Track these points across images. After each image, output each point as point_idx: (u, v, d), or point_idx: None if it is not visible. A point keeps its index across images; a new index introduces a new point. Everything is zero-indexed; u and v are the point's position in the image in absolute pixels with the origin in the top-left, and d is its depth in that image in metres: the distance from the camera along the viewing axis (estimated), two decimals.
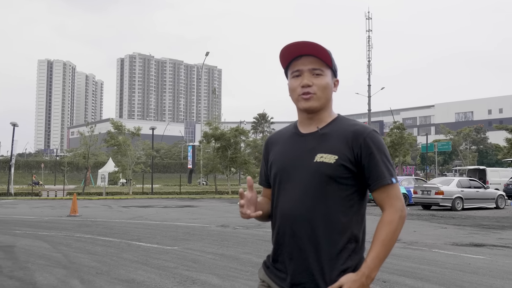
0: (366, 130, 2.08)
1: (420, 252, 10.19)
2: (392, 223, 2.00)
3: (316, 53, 2.11)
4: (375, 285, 6.94)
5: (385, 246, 1.97)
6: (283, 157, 2.16)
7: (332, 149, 2.05)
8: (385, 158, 2.07)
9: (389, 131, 44.45)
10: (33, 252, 9.69)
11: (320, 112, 2.15)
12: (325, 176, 2.02)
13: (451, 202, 22.06)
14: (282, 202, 2.10)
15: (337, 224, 2.00)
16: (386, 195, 2.04)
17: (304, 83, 2.10)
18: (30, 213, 19.96)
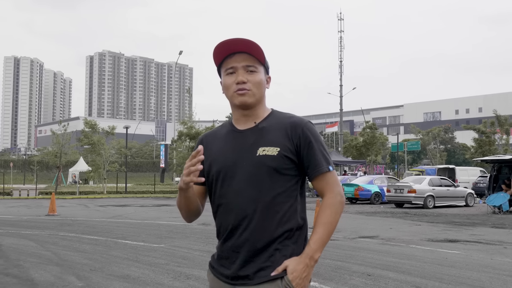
0: (303, 121, 2.15)
1: (398, 248, 10.63)
2: (333, 206, 2.07)
3: (250, 50, 2.13)
4: (361, 278, 7.30)
5: (327, 229, 2.06)
6: (224, 154, 2.17)
7: (273, 142, 2.10)
8: (321, 147, 2.15)
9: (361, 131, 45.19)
10: (22, 250, 9.79)
11: (255, 108, 2.18)
12: (270, 168, 2.07)
13: (423, 200, 22.73)
14: (228, 197, 2.12)
15: (283, 214, 2.07)
16: (325, 182, 2.12)
17: (239, 79, 2.12)
18: (7, 213, 19.84)
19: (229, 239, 2.11)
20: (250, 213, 2.06)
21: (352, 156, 42.86)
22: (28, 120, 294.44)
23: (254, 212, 2.06)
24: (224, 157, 2.15)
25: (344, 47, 65.44)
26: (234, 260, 2.09)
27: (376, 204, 25.91)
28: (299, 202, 2.14)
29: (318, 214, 2.09)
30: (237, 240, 2.08)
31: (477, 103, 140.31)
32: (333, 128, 75.53)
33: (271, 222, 2.06)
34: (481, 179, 32.11)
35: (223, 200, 2.13)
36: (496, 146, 43.70)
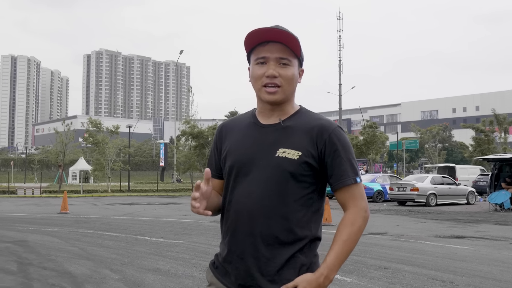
0: (332, 126, 1.98)
1: (409, 243, 11.08)
2: (355, 224, 1.92)
3: (285, 41, 1.96)
4: (378, 271, 7.74)
5: (346, 247, 1.89)
6: (240, 148, 2.02)
7: (296, 144, 1.95)
8: (350, 156, 1.98)
9: (362, 130, 45.68)
10: (49, 246, 10.20)
11: (283, 105, 2.02)
12: (287, 173, 1.92)
13: (425, 198, 23.19)
14: (238, 197, 1.98)
15: (296, 224, 1.93)
16: (349, 195, 1.96)
17: (270, 73, 1.95)
18: (19, 211, 20.22)
19: (234, 242, 1.98)
20: (257, 217, 1.93)
21: None
22: (26, 119, 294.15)
23: (263, 217, 1.92)
24: (240, 151, 2.01)
25: (343, 46, 65.84)
26: (237, 266, 1.96)
27: (379, 202, 26.37)
28: (314, 213, 1.99)
29: (338, 229, 1.94)
30: (242, 244, 1.95)
31: (474, 102, 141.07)
32: None
33: (280, 231, 1.91)
34: (481, 177, 32.62)
35: (232, 197, 2.00)
36: (495, 145, 44.22)
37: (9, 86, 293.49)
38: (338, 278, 7.18)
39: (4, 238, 11.34)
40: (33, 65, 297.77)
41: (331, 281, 1.88)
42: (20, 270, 7.70)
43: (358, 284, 6.82)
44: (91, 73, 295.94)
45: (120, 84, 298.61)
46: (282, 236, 1.91)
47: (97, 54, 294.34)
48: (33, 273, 7.43)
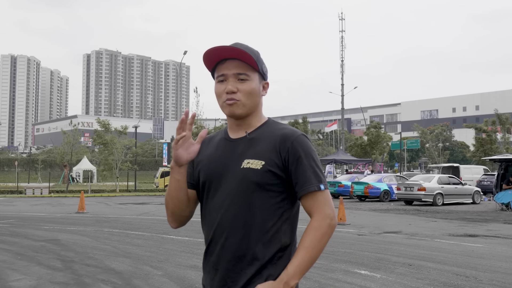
0: (295, 134, 2.00)
1: (425, 242, 11.52)
2: (319, 230, 1.90)
3: (241, 57, 2.00)
4: (403, 267, 8.17)
5: (309, 253, 1.88)
6: (210, 163, 2.06)
7: (259, 154, 1.98)
8: (313, 163, 1.98)
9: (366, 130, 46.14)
10: (82, 245, 10.63)
11: (248, 118, 2.06)
12: (252, 183, 1.94)
13: (432, 197, 23.64)
14: (210, 211, 2.02)
15: (265, 234, 1.94)
16: (313, 202, 1.95)
17: (228, 89, 2.00)
18: (37, 210, 20.65)
19: (209, 253, 2.03)
20: (228, 230, 1.96)
21: (357, 155, 43.80)
22: (25, 118, 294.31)
23: (233, 229, 1.95)
24: (211, 166, 2.05)
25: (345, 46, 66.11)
26: (213, 277, 2.00)
27: (386, 202, 26.82)
28: (285, 222, 1.99)
29: (302, 237, 1.93)
30: (216, 256, 1.99)
31: (474, 101, 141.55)
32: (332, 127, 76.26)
33: (249, 241, 1.93)
34: (485, 177, 33.10)
35: (206, 211, 2.05)
36: (497, 145, 44.68)
37: (9, 85, 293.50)
38: (367, 274, 7.63)
39: (36, 237, 11.77)
40: (33, 64, 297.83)
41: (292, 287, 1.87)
42: (66, 267, 8.13)
43: (388, 280, 7.25)
44: (91, 72, 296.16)
45: (120, 84, 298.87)
46: (251, 247, 1.93)
47: (97, 54, 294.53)
48: (79, 270, 7.86)
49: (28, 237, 11.78)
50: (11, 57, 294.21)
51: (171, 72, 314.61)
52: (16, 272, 7.70)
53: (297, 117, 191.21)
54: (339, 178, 33.57)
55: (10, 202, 27.04)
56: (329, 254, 9.41)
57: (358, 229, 13.82)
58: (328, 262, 8.56)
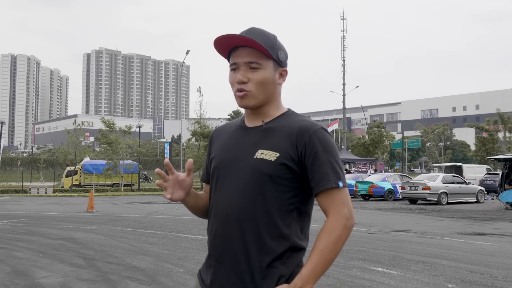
0: (314, 127, 1.88)
1: (435, 240, 11.71)
2: (335, 232, 1.79)
3: (252, 44, 1.90)
4: (418, 265, 8.37)
5: (324, 258, 1.77)
6: (224, 151, 2.00)
7: (274, 146, 1.88)
8: (332, 159, 1.86)
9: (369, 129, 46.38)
10: (100, 243, 10.81)
11: (264, 107, 1.98)
12: (264, 175, 1.85)
13: (437, 196, 23.83)
14: (218, 200, 1.93)
15: (273, 229, 1.84)
16: (330, 200, 1.83)
17: (238, 79, 1.92)
18: (46, 210, 20.84)
19: (214, 246, 1.92)
20: (234, 222, 1.86)
21: (359, 154, 44.02)
22: (25, 118, 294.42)
23: (239, 221, 1.85)
24: (223, 154, 1.99)
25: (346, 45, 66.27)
26: (216, 270, 1.90)
27: (390, 201, 27.01)
28: (297, 219, 1.89)
29: (317, 237, 1.82)
30: (220, 248, 1.89)
31: (474, 101, 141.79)
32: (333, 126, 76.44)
33: (257, 237, 1.83)
34: (488, 176, 33.32)
35: (214, 200, 1.96)
36: (499, 144, 44.89)
37: (9, 85, 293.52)
38: (384, 271, 7.82)
39: (52, 236, 11.96)
40: (32, 64, 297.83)
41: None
42: (89, 264, 8.32)
43: (405, 277, 7.44)
44: (91, 72, 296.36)
45: (120, 83, 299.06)
46: (259, 243, 1.83)
47: (97, 53, 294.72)
48: (103, 267, 8.05)
49: (45, 236, 11.97)
50: (11, 56, 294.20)
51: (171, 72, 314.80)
52: (41, 269, 7.88)
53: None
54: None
55: (17, 201, 27.24)
56: (344, 252, 9.60)
57: (367, 228, 14.01)
58: (344, 260, 8.75)
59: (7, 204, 24.72)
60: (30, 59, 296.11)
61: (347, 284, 6.91)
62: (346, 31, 67.20)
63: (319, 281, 6.95)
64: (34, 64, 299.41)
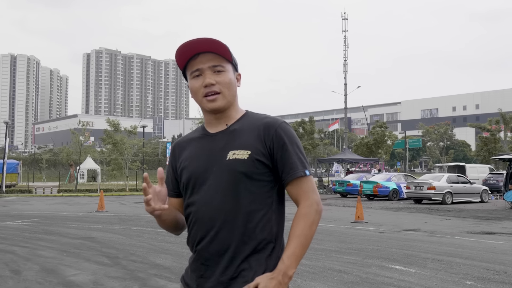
0: (277, 122, 2.00)
1: (446, 239, 11.95)
2: (308, 216, 1.91)
3: (214, 49, 1.99)
4: (434, 263, 8.60)
5: (301, 242, 1.88)
6: (194, 161, 2.04)
7: (244, 145, 1.96)
8: (297, 149, 2.00)
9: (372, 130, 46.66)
10: (118, 242, 11.03)
11: (227, 111, 2.05)
12: (240, 174, 1.93)
13: (442, 196, 24.07)
14: (198, 207, 1.97)
15: (255, 224, 1.92)
16: (299, 188, 1.96)
17: (207, 82, 1.98)
18: (56, 209, 21.04)
19: (198, 251, 1.98)
20: (218, 223, 1.92)
21: (362, 154, 44.27)
22: (25, 118, 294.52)
23: (223, 222, 1.92)
24: (194, 163, 2.03)
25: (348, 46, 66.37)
26: (201, 273, 1.96)
27: (395, 201, 27.24)
28: (275, 211, 1.99)
29: (292, 224, 1.93)
30: (205, 252, 1.95)
31: (474, 100, 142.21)
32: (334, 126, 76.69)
33: (241, 233, 1.91)
34: (491, 176, 33.58)
35: (192, 208, 2.00)
36: (501, 144, 45.12)
37: (9, 85, 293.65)
38: (402, 269, 8.04)
39: (70, 235, 12.18)
40: (32, 64, 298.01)
41: (290, 277, 1.87)
42: (114, 263, 8.54)
43: (423, 274, 7.67)
44: (91, 72, 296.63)
45: (120, 83, 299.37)
46: (243, 239, 1.91)
47: (97, 53, 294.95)
48: (128, 265, 8.28)
49: (63, 235, 12.18)
50: (11, 56, 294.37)
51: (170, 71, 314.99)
52: (69, 267, 8.10)
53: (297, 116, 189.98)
54: (347, 177, 33.99)
55: (26, 201, 27.44)
56: (359, 251, 9.84)
57: (377, 227, 14.24)
58: (361, 258, 8.98)
59: (16, 204, 24.92)
60: (30, 59, 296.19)
61: (369, 281, 7.13)
62: (347, 31, 67.41)
63: (341, 278, 7.22)
64: (34, 64, 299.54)
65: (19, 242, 11.04)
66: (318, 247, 10.30)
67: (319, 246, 10.42)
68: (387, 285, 6.89)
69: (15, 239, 11.54)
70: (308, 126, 41.31)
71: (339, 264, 8.44)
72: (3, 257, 9.03)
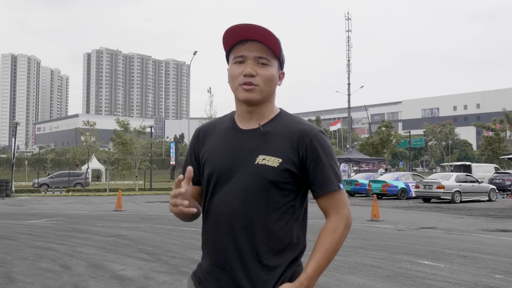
0: (313, 131, 1.91)
1: (465, 236, 12.34)
2: (337, 231, 1.87)
3: (265, 40, 1.89)
4: (460, 258, 8.98)
5: (327, 256, 1.84)
6: (219, 155, 1.94)
7: (276, 151, 1.88)
8: (332, 162, 1.92)
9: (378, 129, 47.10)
10: (150, 239, 11.40)
11: (261, 106, 1.95)
12: (267, 181, 1.85)
13: (451, 195, 24.47)
14: (217, 206, 1.90)
15: (277, 233, 1.86)
16: (332, 202, 1.90)
17: (247, 71, 1.88)
18: (74, 209, 21.42)
19: (214, 253, 1.90)
20: (238, 228, 1.85)
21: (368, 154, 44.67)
22: (26, 118, 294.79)
23: (243, 228, 1.85)
24: (219, 158, 1.94)
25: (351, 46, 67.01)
26: (218, 277, 1.90)
27: (403, 200, 27.64)
28: (297, 220, 1.92)
29: (320, 237, 1.88)
30: (221, 256, 1.88)
31: (475, 99, 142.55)
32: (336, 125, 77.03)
33: (262, 241, 1.85)
34: (497, 175, 33.98)
35: (211, 207, 1.92)
36: (505, 143, 45.50)
37: (9, 85, 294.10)
38: (431, 264, 8.43)
39: (100, 233, 12.55)
40: (33, 64, 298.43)
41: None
42: (155, 259, 8.91)
43: (452, 269, 8.05)
44: (92, 71, 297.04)
45: (120, 83, 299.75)
46: (262, 247, 1.85)
47: (98, 53, 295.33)
48: (170, 261, 8.64)
49: (93, 233, 12.55)
50: (12, 56, 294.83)
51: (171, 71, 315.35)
52: (114, 263, 8.47)
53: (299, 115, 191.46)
54: (356, 176, 34.41)
55: (40, 200, 27.84)
56: (385, 247, 10.23)
57: (394, 225, 14.62)
58: (389, 254, 9.36)
59: (32, 203, 25.30)
60: (30, 59, 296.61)
61: (403, 275, 7.51)
62: (351, 31, 67.86)
63: (376, 273, 7.61)
64: (35, 64, 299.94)
65: (55, 239, 11.41)
66: (344, 243, 10.68)
67: (344, 243, 10.76)
68: (421, 279, 7.27)
69: (49, 236, 11.93)
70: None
71: (369, 259, 8.82)
72: (47, 254, 9.41)
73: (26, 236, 11.92)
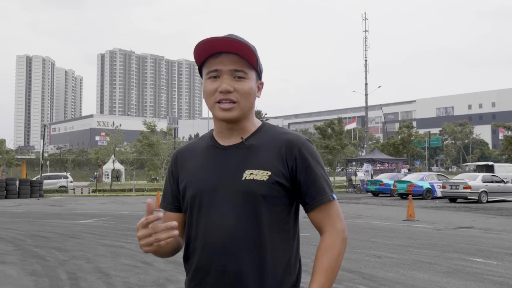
0: (301, 140, 1.80)
1: (504, 235, 12.85)
2: (335, 247, 1.73)
3: (239, 51, 1.75)
4: (509, 256, 9.54)
5: (329, 276, 1.70)
6: (202, 176, 1.80)
7: (263, 164, 1.75)
8: (323, 171, 1.81)
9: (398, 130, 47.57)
10: None
11: (242, 121, 1.81)
12: (258, 196, 1.72)
13: (477, 195, 24.92)
14: (207, 231, 1.73)
15: (274, 254, 1.73)
16: (326, 214, 1.77)
17: (223, 88, 1.74)
18: (114, 209, 22.14)
19: (205, 282, 1.75)
20: (231, 252, 1.70)
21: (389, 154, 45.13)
22: (41, 118, 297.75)
23: (237, 251, 1.70)
24: (202, 179, 1.79)
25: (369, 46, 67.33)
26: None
27: (428, 200, 28.13)
28: (291, 237, 1.80)
29: (317, 256, 1.75)
30: (218, 283, 1.72)
31: (490, 98, 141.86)
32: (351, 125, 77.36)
33: (258, 262, 1.71)
34: None
35: (199, 232, 1.76)
36: None
37: (25, 86, 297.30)
38: (484, 261, 9.00)
39: None
40: (47, 65, 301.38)
41: None
42: None
43: (505, 265, 8.63)
44: (105, 72, 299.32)
45: (133, 83, 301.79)
46: (259, 269, 1.71)
47: (111, 54, 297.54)
48: None
49: None
50: (27, 57, 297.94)
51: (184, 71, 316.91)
52: None
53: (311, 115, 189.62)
54: (379, 176, 34.90)
55: (75, 201, 28.68)
56: (432, 246, 10.80)
57: (431, 225, 15.16)
58: (439, 252, 9.93)
59: (69, 203, 26.09)
60: (45, 60, 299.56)
61: (463, 271, 8.11)
62: (368, 32, 68.28)
63: (436, 269, 8.23)
64: (49, 65, 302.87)
65: (118, 238, 12.11)
66: (391, 242, 11.31)
67: (391, 242, 11.43)
68: (480, 275, 7.86)
69: (111, 235, 12.64)
70: (337, 126, 42.23)
71: (423, 257, 9.40)
72: (120, 251, 10.09)
73: (90, 235, 12.64)
